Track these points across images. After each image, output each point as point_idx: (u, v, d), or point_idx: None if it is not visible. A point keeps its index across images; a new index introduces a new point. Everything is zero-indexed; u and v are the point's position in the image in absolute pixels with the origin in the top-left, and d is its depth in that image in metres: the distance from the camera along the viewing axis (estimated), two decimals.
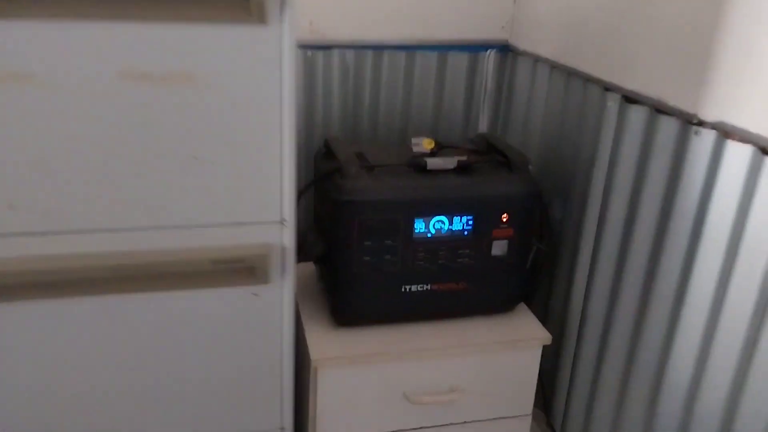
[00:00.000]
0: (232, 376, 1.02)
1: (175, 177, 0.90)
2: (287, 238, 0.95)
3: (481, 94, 1.71)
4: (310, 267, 1.56)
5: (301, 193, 1.38)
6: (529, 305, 1.62)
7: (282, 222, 0.93)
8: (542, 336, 1.40)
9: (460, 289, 1.38)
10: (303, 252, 1.43)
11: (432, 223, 1.31)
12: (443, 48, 1.66)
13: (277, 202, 0.93)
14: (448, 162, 1.34)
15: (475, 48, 1.69)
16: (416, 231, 1.31)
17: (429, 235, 1.32)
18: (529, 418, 1.47)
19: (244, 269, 0.92)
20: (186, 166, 0.90)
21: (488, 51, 1.70)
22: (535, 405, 1.67)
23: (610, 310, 1.39)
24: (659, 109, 1.20)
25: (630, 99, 1.27)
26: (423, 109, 1.69)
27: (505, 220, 1.33)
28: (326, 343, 1.33)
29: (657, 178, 1.22)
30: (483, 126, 1.73)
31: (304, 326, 1.37)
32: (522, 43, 1.68)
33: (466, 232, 1.34)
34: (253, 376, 1.03)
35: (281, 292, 0.96)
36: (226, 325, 0.97)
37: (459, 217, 1.32)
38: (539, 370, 1.54)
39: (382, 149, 1.46)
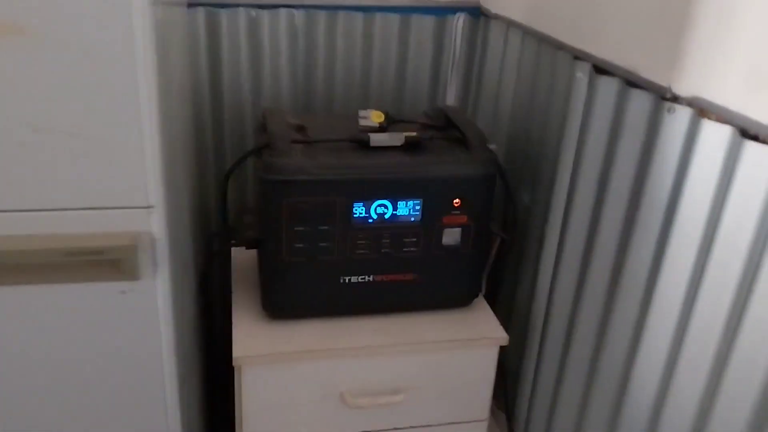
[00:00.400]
0: (110, 381, 0.88)
1: (9, 150, 0.74)
2: (157, 226, 0.80)
3: (450, 62, 1.54)
4: (252, 254, 1.42)
5: (230, 172, 1.23)
6: (494, 301, 1.48)
7: (149, 207, 0.78)
8: (499, 336, 1.25)
9: (406, 281, 1.23)
10: (236, 237, 1.29)
11: (373, 207, 1.16)
12: (406, 10, 1.49)
13: (142, 184, 0.78)
14: (395, 138, 1.19)
15: (442, 11, 1.52)
16: (356, 216, 1.16)
17: (370, 220, 1.17)
18: (485, 424, 1.33)
19: (106, 263, 0.77)
20: (23, 137, 0.74)
21: (457, 14, 1.53)
22: (500, 408, 1.53)
23: (575, 306, 1.24)
24: (631, 81, 1.03)
25: (600, 69, 1.10)
26: (384, 79, 1.53)
27: (457, 205, 1.18)
28: (253, 338, 1.19)
29: (627, 161, 1.06)
30: (451, 98, 1.57)
31: (233, 320, 1.23)
32: (494, 6, 1.51)
33: (413, 218, 1.18)
34: (133, 383, 0.89)
35: (154, 290, 0.82)
36: (94, 326, 0.83)
37: (405, 202, 1.17)
38: (504, 371, 1.40)
39: (329, 123, 1.30)
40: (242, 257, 1.38)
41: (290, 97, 1.49)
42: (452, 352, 1.24)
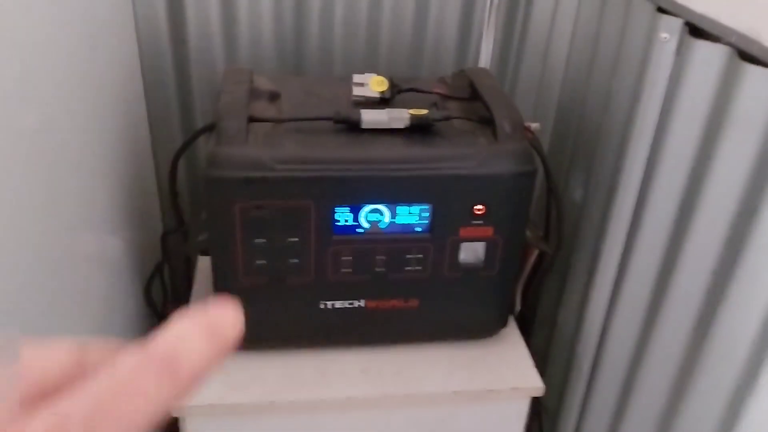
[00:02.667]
0: None
1: None
2: None
3: (485, 9, 1.18)
4: None
5: (176, 157, 0.92)
6: (529, 324, 1.16)
7: None
8: (531, 385, 0.93)
9: (408, 309, 0.92)
10: (187, 240, 1.00)
11: (363, 213, 0.84)
12: None
13: None
14: (395, 117, 0.85)
15: None
16: (338, 225, 0.84)
17: (359, 230, 0.85)
18: None
19: None
20: None
21: None
22: None
23: (641, 349, 0.91)
24: (745, 52, 0.68)
25: (697, 30, 0.75)
26: (398, 32, 1.18)
27: (479, 212, 0.85)
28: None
29: (735, 162, 0.72)
30: (485, 59, 1.21)
31: None
32: None
33: (418, 229, 0.86)
34: None
35: None
36: None
37: (407, 207, 0.85)
38: (539, 407, 1.09)
39: (314, 90, 0.98)
40: (207, 263, 1.08)
41: (275, 58, 1.15)
42: (466, 405, 0.93)
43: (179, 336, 0.20)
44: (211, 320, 0.20)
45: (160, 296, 1.12)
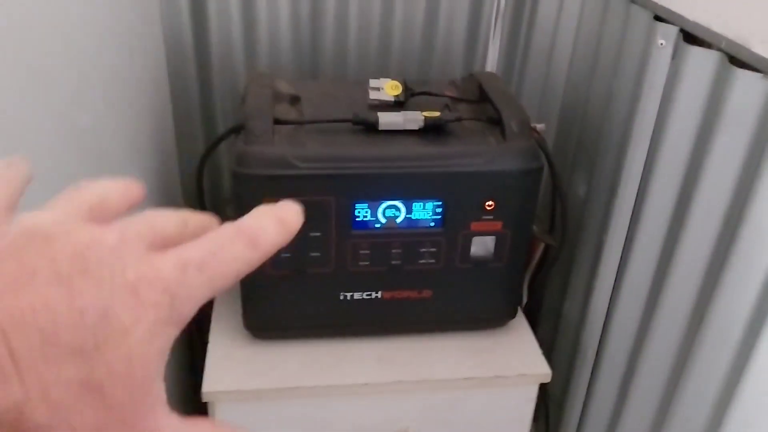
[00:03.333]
0: None
1: None
2: None
3: (492, 16, 1.24)
4: None
5: (203, 160, 0.98)
6: (535, 315, 1.21)
7: None
8: (539, 372, 0.99)
9: (422, 299, 0.98)
10: None
11: (381, 209, 0.90)
12: None
13: None
14: (410, 119, 0.91)
15: None
16: (357, 220, 0.90)
17: (377, 225, 0.91)
18: None
19: None
20: None
21: None
22: None
23: (642, 336, 0.97)
24: (736, 58, 0.73)
25: (691, 37, 0.80)
26: (409, 38, 1.24)
27: (490, 207, 0.91)
28: (230, 366, 0.96)
29: (727, 161, 0.77)
30: (492, 61, 1.27)
31: (209, 340, 1.00)
32: None
33: (432, 224, 0.92)
34: None
35: None
36: None
37: (422, 203, 0.90)
38: (545, 394, 1.14)
39: (333, 93, 1.03)
40: None
41: (292, 62, 1.21)
42: (477, 390, 0.99)
43: (259, 220, 0.27)
44: (280, 211, 0.27)
45: None
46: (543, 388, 1.02)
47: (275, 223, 0.27)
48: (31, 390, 0.20)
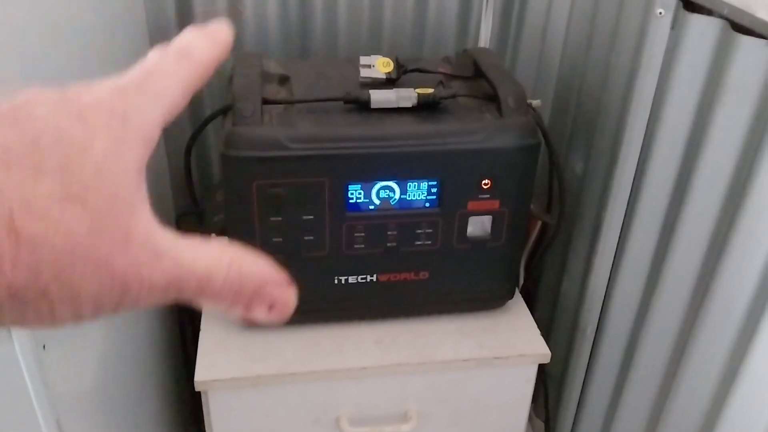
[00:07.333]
0: None
1: None
2: None
3: None
4: None
5: (190, 144, 0.96)
6: (533, 296, 1.20)
7: None
8: (538, 352, 0.98)
9: (419, 281, 0.96)
10: (204, 220, 1.03)
11: (375, 190, 0.88)
12: None
13: None
14: (404, 97, 0.89)
15: None
16: (351, 201, 0.88)
17: (371, 207, 0.89)
18: None
19: None
20: None
21: None
22: (537, 415, 1.27)
23: (643, 310, 0.95)
24: (739, 24, 0.71)
25: (691, 4, 0.78)
26: (400, 14, 1.21)
27: (486, 186, 0.89)
28: (223, 353, 0.94)
29: (729, 134, 0.75)
30: (484, 38, 1.25)
31: (201, 326, 0.98)
32: None
33: (428, 204, 0.90)
34: None
35: None
36: None
37: (417, 183, 0.88)
38: (544, 373, 1.13)
39: (323, 72, 1.01)
40: None
41: (280, 42, 1.18)
42: (476, 371, 0.97)
43: (185, 36, 0.28)
44: (209, 29, 0.28)
45: None
46: (542, 368, 1.01)
47: (202, 36, 0.28)
48: (14, 203, 0.21)
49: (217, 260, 0.26)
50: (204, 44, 0.28)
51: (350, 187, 0.87)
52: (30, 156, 0.22)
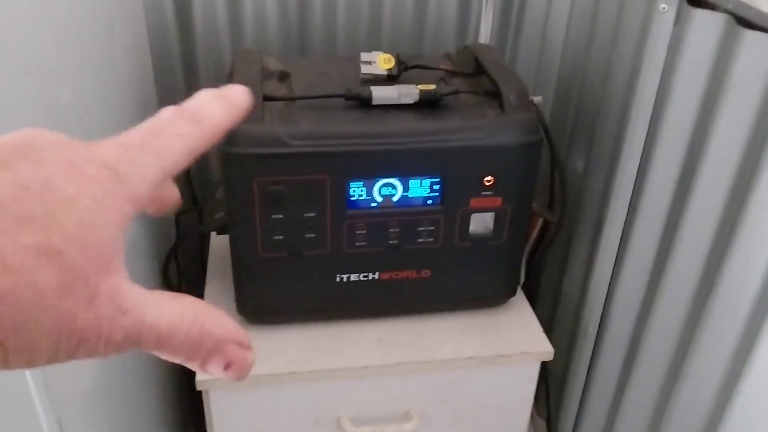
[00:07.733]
0: None
1: None
2: None
3: None
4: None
5: None
6: (535, 293, 1.19)
7: None
8: (541, 349, 0.97)
9: (421, 279, 0.95)
10: (204, 218, 1.03)
11: (377, 187, 0.87)
12: None
13: None
14: (405, 93, 0.88)
15: None
16: (352, 199, 0.87)
17: (373, 204, 0.88)
18: None
19: None
20: None
21: None
22: (539, 414, 1.26)
23: (646, 308, 0.95)
24: (743, 18, 0.71)
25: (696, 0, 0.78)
26: (400, 11, 1.20)
27: (489, 183, 0.88)
28: None
29: (734, 131, 0.75)
30: (485, 34, 1.24)
31: None
32: None
33: (429, 201, 0.89)
34: None
35: None
36: None
37: (419, 180, 0.88)
38: (546, 371, 1.13)
39: (323, 69, 1.00)
40: (220, 242, 1.11)
41: (280, 39, 1.17)
42: (479, 369, 0.97)
43: (200, 98, 0.27)
44: (224, 91, 0.28)
45: (176, 275, 1.14)
46: (544, 367, 1.00)
47: (218, 99, 0.27)
48: None
49: (180, 318, 0.25)
50: (218, 109, 0.27)
51: (352, 184, 0.86)
52: (18, 201, 0.21)
